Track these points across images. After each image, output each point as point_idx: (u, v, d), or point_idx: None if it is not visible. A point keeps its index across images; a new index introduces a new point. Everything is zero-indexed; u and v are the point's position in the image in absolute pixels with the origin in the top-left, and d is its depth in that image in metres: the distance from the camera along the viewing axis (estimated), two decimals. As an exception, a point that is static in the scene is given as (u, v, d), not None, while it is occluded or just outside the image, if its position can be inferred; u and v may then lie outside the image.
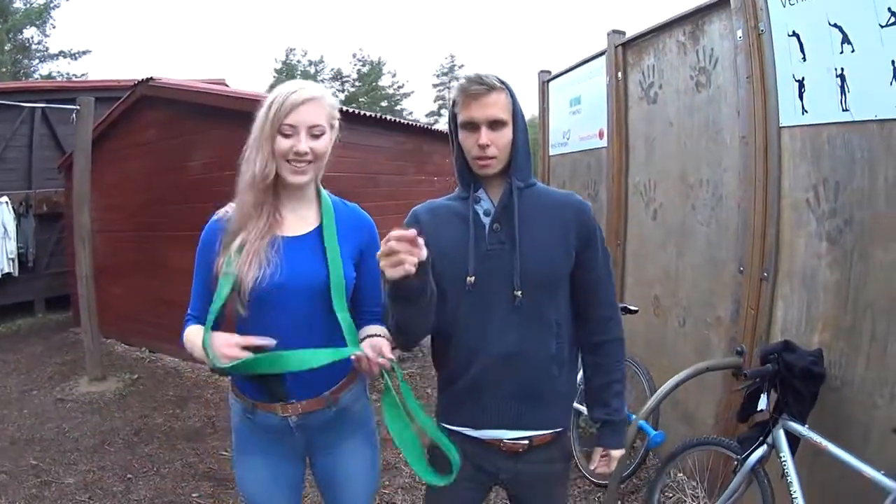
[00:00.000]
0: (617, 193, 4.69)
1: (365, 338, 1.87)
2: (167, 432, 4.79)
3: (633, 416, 3.41)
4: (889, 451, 2.56)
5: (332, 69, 46.61)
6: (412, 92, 52.06)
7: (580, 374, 2.07)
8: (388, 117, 6.61)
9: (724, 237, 3.71)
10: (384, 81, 46.48)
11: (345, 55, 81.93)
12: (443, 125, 24.01)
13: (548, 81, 6.10)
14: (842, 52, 2.81)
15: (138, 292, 7.56)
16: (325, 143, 1.83)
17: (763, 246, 3.37)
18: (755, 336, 3.41)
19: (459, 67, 49.37)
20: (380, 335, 1.87)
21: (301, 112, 1.75)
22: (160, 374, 6.50)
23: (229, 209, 1.92)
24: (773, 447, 2.82)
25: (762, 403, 2.89)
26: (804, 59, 3.04)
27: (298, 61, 45.87)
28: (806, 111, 3.07)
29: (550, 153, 6.11)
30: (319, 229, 1.91)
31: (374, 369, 1.77)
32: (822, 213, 3.01)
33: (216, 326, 1.82)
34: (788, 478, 2.71)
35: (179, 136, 6.69)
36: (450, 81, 49.66)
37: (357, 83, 46.03)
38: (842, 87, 2.84)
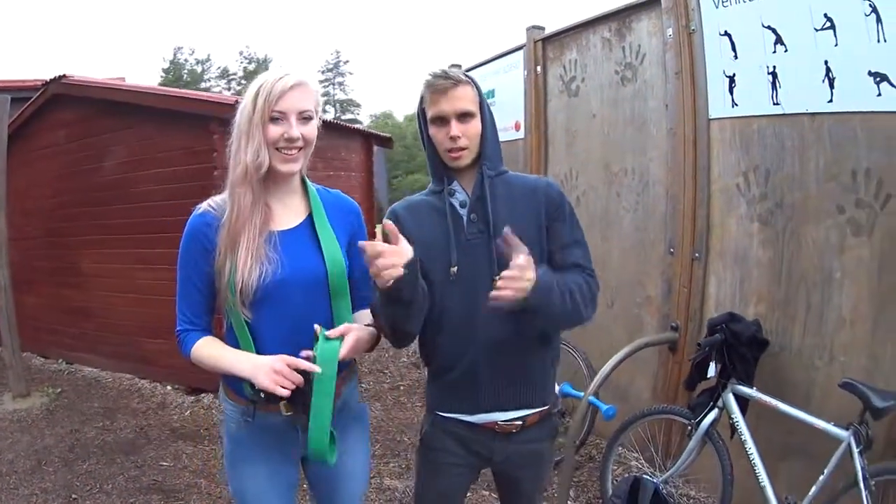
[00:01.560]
0: (536, 183, 4.91)
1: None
2: (102, 446, 4.50)
3: (583, 394, 3.65)
4: (831, 406, 2.95)
5: (219, 67, 46.57)
6: None
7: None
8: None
9: (651, 221, 4.04)
10: None
11: (232, 53, 79.28)
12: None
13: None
14: (774, 52, 3.18)
15: (52, 302, 7.06)
16: (314, 129, 1.82)
17: (693, 228, 3.72)
18: (689, 312, 3.77)
19: (345, 63, 51.19)
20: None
21: (289, 98, 1.73)
22: (82, 385, 6.12)
23: (213, 204, 1.85)
24: (724, 410, 3.15)
25: (711, 371, 3.20)
26: (736, 56, 3.40)
27: (186, 60, 45.33)
28: (736, 104, 3.44)
29: None
30: (310, 219, 1.90)
31: None
32: (753, 197, 3.39)
33: (208, 331, 1.83)
34: (742, 436, 3.05)
35: (93, 136, 6.26)
36: (335, 77, 51.17)
37: (243, 81, 45.25)
38: (773, 83, 3.21)
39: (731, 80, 3.44)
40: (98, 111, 6.13)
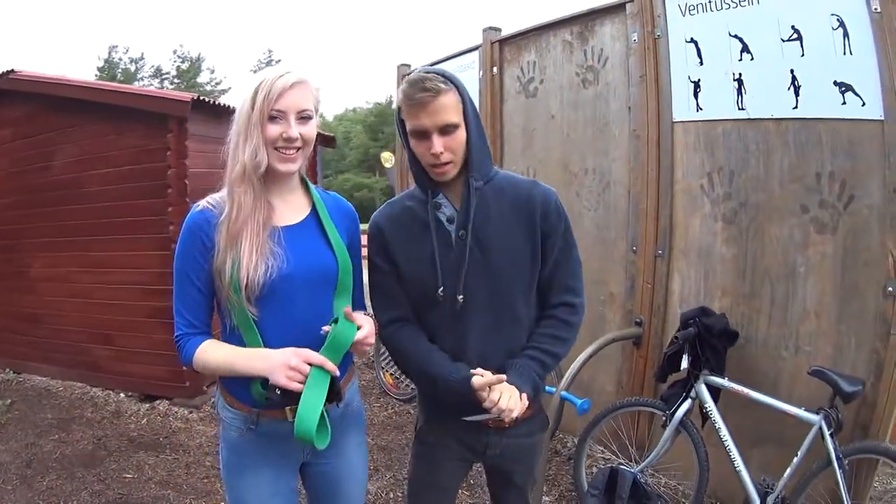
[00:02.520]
0: (492, 182, 5.02)
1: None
2: (60, 460, 4.26)
3: (554, 390, 3.77)
4: (797, 393, 3.20)
5: (153, 66, 45.39)
6: (230, 88, 50.61)
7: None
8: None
9: (613, 220, 4.22)
10: (203, 78, 46.51)
11: (166, 52, 77.43)
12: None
13: (406, 76, 6.20)
14: (741, 60, 3.40)
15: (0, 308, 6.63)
16: (313, 128, 1.80)
17: (657, 227, 3.91)
18: (653, 307, 3.96)
19: (276, 62, 50.83)
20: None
21: (289, 96, 1.72)
22: (33, 396, 5.78)
23: (212, 201, 1.82)
24: (697, 400, 3.34)
25: (684, 362, 3.39)
26: (701, 63, 3.60)
27: (120, 59, 44.30)
28: (701, 108, 3.64)
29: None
30: (313, 215, 1.90)
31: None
32: (717, 197, 3.60)
33: (209, 334, 1.80)
34: (716, 424, 3.25)
35: (42, 134, 5.90)
36: None
37: (176, 80, 44.49)
38: (738, 90, 3.43)
39: (697, 85, 3.64)
40: (47, 108, 5.82)
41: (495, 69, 4.95)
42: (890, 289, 2.88)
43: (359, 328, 1.73)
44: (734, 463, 3.17)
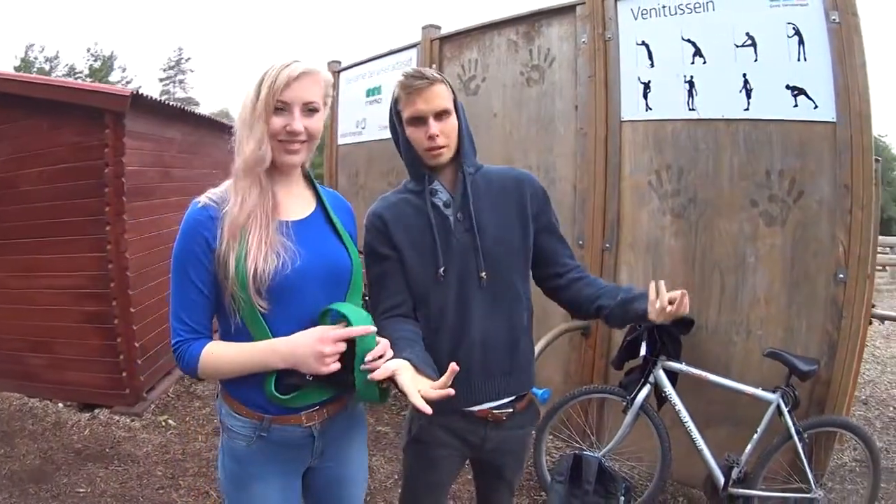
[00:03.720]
0: (429, 178, 5.03)
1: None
2: (9, 477, 3.86)
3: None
4: (750, 375, 3.43)
5: (67, 65, 44.20)
6: (140, 87, 47.91)
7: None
8: (181, 106, 5.93)
9: (559, 215, 4.32)
10: (114, 77, 45.64)
11: (80, 50, 73.45)
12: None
13: (339, 72, 6.20)
14: (693, 63, 3.60)
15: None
16: (319, 122, 1.74)
17: (604, 221, 4.07)
18: (600, 299, 4.11)
19: (186, 61, 51.00)
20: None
21: (296, 88, 1.66)
22: None
23: (213, 197, 1.72)
24: (656, 385, 3.52)
25: (643, 350, 3.55)
26: (652, 65, 3.78)
27: (36, 58, 42.97)
28: (650, 108, 3.83)
29: (339, 142, 6.20)
30: (321, 210, 1.85)
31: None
32: (666, 193, 3.80)
33: (210, 337, 1.71)
34: (676, 406, 3.43)
35: None
36: (176, 75, 51.17)
37: (88, 79, 42.68)
38: (690, 91, 3.64)
39: (646, 86, 3.82)
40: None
41: (434, 67, 4.96)
42: (841, 276, 3.15)
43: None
44: (696, 443, 3.36)
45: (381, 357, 1.65)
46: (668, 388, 3.47)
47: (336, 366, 1.61)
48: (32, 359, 5.08)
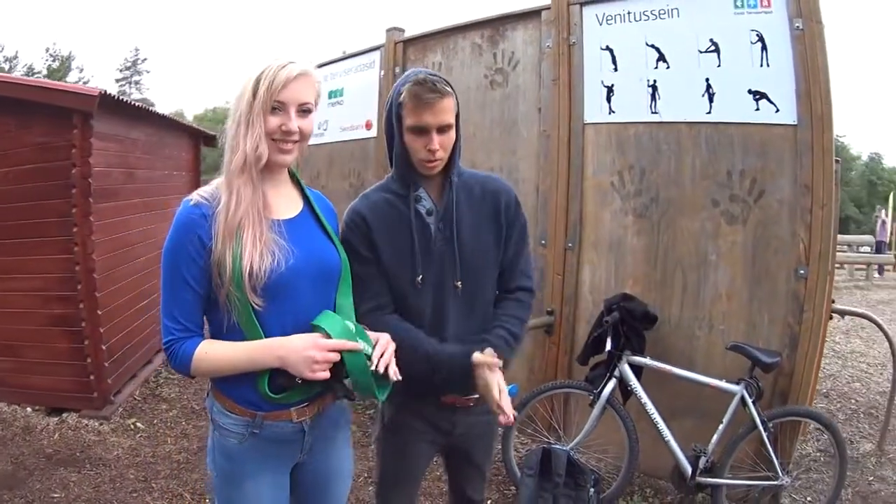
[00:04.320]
0: (390, 180, 4.93)
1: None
2: None
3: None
4: (713, 369, 3.44)
5: (26, 65, 43.56)
6: (105, 89, 46.08)
7: None
8: (145, 106, 5.62)
9: (522, 216, 4.30)
10: (72, 77, 44.43)
11: (39, 50, 70.76)
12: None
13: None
14: (656, 68, 3.62)
15: None
16: (312, 122, 1.73)
17: (566, 221, 4.05)
18: (563, 297, 4.09)
19: (143, 61, 50.65)
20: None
21: (293, 88, 1.64)
22: None
23: (205, 194, 1.68)
24: (621, 379, 3.51)
25: (609, 345, 3.55)
26: (616, 69, 3.79)
27: None
28: (613, 111, 3.83)
29: None
30: (308, 209, 1.83)
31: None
32: (628, 193, 3.81)
33: (202, 336, 1.66)
34: (642, 399, 3.42)
35: None
36: (132, 76, 50.57)
37: (47, 79, 40.88)
38: (653, 95, 3.65)
39: (610, 90, 3.82)
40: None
41: (398, 69, 4.87)
42: (801, 271, 3.20)
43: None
44: (662, 434, 3.36)
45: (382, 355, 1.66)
46: (634, 382, 3.46)
47: (325, 374, 1.58)
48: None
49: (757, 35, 3.24)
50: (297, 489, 1.87)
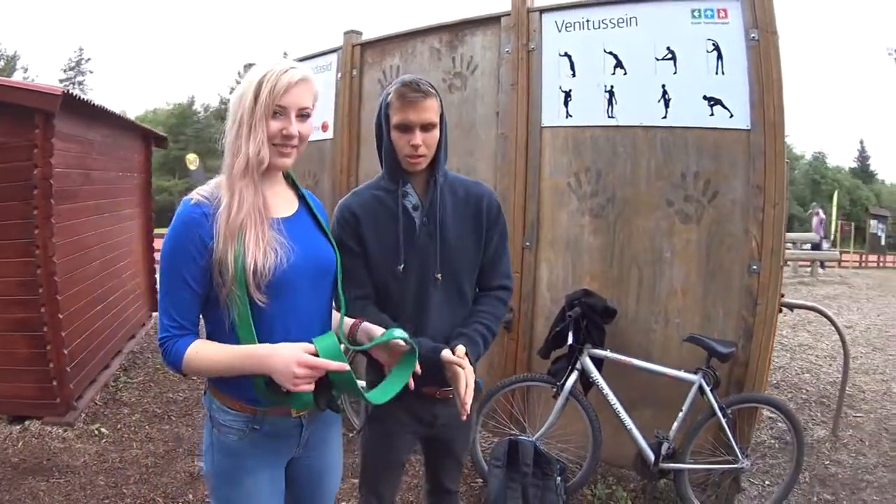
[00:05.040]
0: (346, 182, 4.78)
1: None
2: None
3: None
4: (670, 360, 3.48)
5: None
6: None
7: None
8: (104, 106, 5.22)
9: (479, 216, 4.27)
10: (16, 77, 41.70)
11: None
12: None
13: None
14: (613, 74, 3.65)
15: None
16: (310, 126, 1.74)
17: (524, 221, 4.03)
18: (521, 294, 4.06)
19: (87, 61, 48.84)
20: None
21: (294, 93, 1.63)
22: None
23: (205, 193, 1.64)
24: (582, 371, 3.52)
25: (570, 339, 3.55)
26: (574, 75, 3.80)
27: None
28: (570, 115, 3.84)
29: None
30: (304, 208, 1.82)
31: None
32: (585, 194, 3.82)
33: (198, 334, 1.62)
34: (603, 390, 3.44)
35: None
36: (76, 76, 48.53)
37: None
38: (609, 100, 3.68)
39: (568, 94, 3.82)
40: None
41: (355, 72, 4.75)
42: (754, 267, 3.28)
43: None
44: (624, 423, 3.38)
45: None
46: (595, 374, 3.47)
47: (308, 387, 1.52)
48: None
49: (713, 44, 3.30)
50: (292, 484, 1.84)
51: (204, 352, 1.58)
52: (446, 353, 1.85)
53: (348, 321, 1.88)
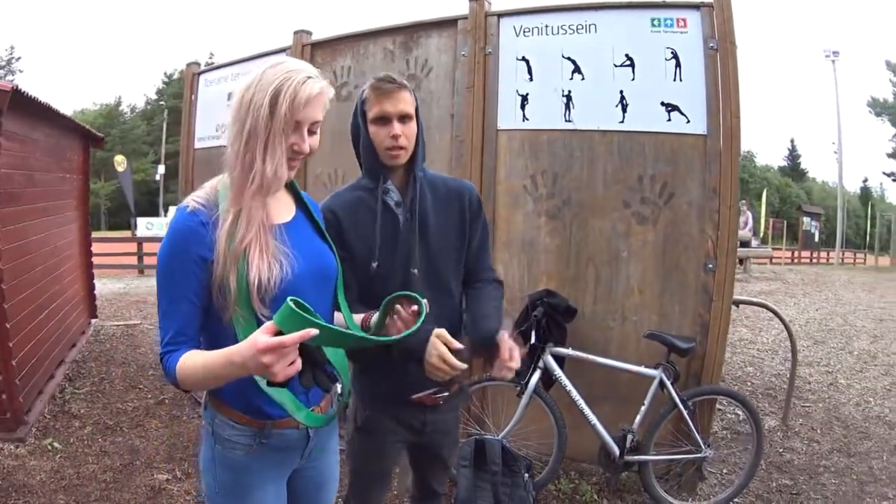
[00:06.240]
0: (302, 185, 4.48)
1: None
2: None
3: None
4: (628, 356, 3.40)
5: None
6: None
7: None
8: (49, 104, 4.54)
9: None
10: None
11: None
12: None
13: (198, 74, 5.27)
14: (571, 79, 3.53)
15: None
16: (317, 138, 1.56)
17: (480, 223, 3.88)
18: (478, 294, 3.91)
19: (17, 60, 46.08)
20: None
21: (313, 106, 1.46)
22: None
23: (200, 200, 1.48)
24: (545, 369, 3.40)
25: (534, 338, 3.43)
26: (531, 79, 3.65)
27: None
28: (527, 119, 3.69)
29: (197, 146, 5.26)
30: (303, 212, 1.67)
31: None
32: (541, 196, 3.68)
33: (189, 344, 1.42)
34: (566, 387, 3.33)
35: None
36: (6, 75, 44.66)
37: None
38: (567, 104, 3.56)
39: (524, 98, 3.67)
40: None
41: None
42: (710, 265, 3.24)
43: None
44: (588, 418, 3.27)
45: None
46: (558, 372, 3.36)
47: (291, 370, 1.24)
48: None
49: (672, 52, 3.24)
50: (293, 496, 1.72)
51: (188, 363, 1.37)
52: (438, 330, 1.76)
53: (357, 317, 1.76)
